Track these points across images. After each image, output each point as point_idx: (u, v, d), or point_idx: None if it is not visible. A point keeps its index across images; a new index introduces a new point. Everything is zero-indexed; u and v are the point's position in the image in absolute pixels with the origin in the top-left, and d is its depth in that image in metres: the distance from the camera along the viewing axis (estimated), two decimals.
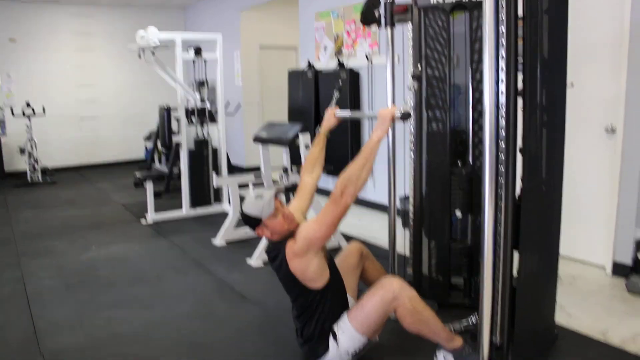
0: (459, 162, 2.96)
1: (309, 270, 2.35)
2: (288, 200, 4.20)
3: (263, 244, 4.03)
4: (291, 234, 2.40)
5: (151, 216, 5.34)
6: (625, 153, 3.43)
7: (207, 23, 8.91)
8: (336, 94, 2.94)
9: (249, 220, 2.47)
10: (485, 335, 2.20)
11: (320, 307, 2.40)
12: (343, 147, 5.64)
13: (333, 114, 2.76)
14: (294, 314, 2.55)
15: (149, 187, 5.30)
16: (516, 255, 2.32)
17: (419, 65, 2.11)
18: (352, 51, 5.64)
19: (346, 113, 2.72)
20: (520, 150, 2.27)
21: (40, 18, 8.41)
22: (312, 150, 2.82)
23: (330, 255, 2.54)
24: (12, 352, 2.72)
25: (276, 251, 2.45)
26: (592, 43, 3.57)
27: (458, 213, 2.95)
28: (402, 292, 2.29)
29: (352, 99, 5.59)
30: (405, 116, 2.22)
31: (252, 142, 4.59)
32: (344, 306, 2.49)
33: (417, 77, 2.13)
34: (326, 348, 2.40)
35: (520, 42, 2.20)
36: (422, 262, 3.11)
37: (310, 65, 6.21)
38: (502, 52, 2.15)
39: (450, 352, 2.36)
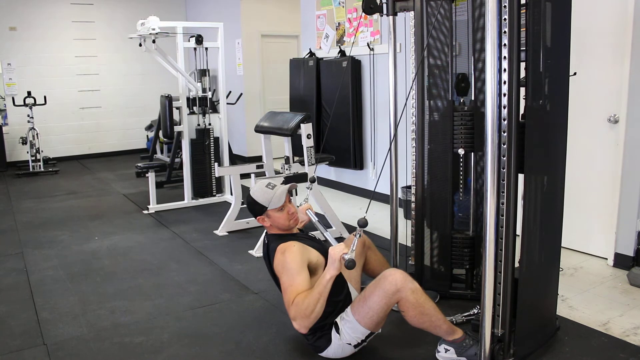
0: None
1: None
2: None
3: (265, 235, 4.02)
4: (286, 236, 2.41)
5: (153, 206, 5.35)
6: (628, 144, 3.40)
7: (208, 12, 8.85)
8: (311, 187, 3.15)
9: (253, 206, 2.46)
10: (487, 326, 2.20)
11: None
12: (345, 138, 5.62)
13: (305, 211, 2.78)
14: None
15: (151, 177, 5.30)
16: (518, 247, 2.31)
17: (365, 218, 2.11)
18: (353, 39, 5.59)
19: (314, 217, 2.72)
20: None
21: (41, 6, 8.34)
22: None
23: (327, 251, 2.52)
24: (16, 341, 2.74)
25: (267, 249, 2.48)
26: (595, 31, 3.52)
27: (461, 151, 2.89)
28: (405, 284, 2.28)
29: (354, 87, 5.56)
30: (349, 264, 2.10)
31: (254, 132, 4.58)
32: (345, 299, 2.49)
33: (362, 224, 2.10)
34: (329, 340, 2.40)
35: (522, 31, 2.18)
36: (424, 253, 3.11)
37: (311, 54, 6.17)
38: (505, 40, 2.12)
39: (451, 344, 2.36)
